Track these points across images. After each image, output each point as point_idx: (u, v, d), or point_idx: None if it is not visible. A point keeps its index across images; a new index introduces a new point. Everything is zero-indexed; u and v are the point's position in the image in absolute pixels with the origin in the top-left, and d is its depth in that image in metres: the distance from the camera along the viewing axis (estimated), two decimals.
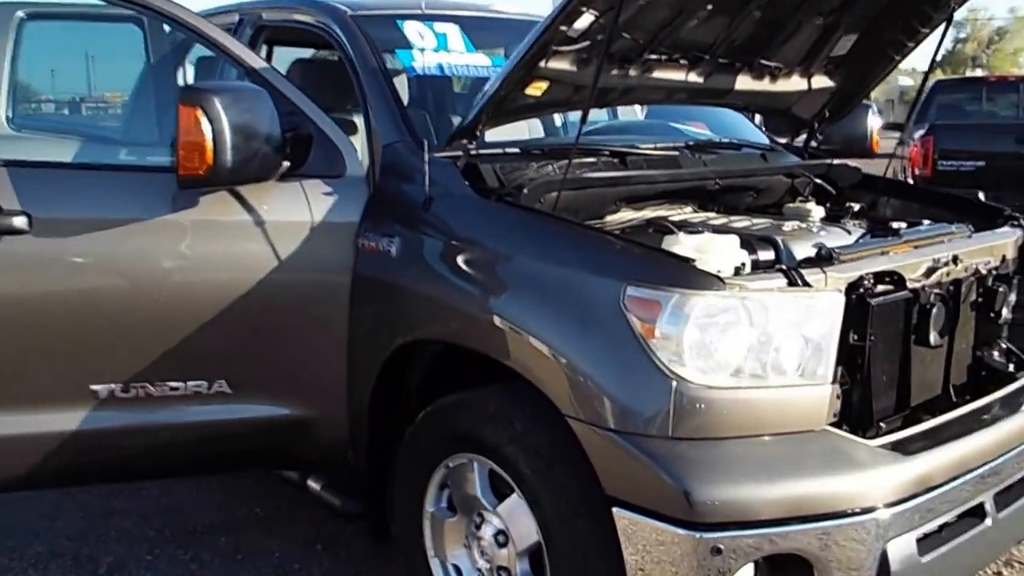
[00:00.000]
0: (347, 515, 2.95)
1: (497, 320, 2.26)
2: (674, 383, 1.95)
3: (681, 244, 2.21)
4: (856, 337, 2.14)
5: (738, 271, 2.13)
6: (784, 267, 2.12)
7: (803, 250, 2.58)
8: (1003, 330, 2.71)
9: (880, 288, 2.22)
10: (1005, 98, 10.39)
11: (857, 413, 2.15)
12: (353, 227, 2.73)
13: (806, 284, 2.07)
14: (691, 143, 3.27)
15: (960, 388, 2.56)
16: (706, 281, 1.99)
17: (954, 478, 2.12)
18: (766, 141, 3.74)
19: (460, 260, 2.43)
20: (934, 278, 2.43)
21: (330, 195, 2.75)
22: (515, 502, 2.28)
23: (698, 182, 3.02)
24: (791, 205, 3.41)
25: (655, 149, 3.07)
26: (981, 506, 2.22)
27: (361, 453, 2.79)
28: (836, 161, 3.54)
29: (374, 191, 2.77)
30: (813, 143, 3.71)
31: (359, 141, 3.01)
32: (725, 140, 3.41)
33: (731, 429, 1.97)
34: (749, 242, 2.47)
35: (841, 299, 2.07)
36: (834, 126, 3.73)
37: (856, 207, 3.43)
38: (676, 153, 3.09)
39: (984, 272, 2.61)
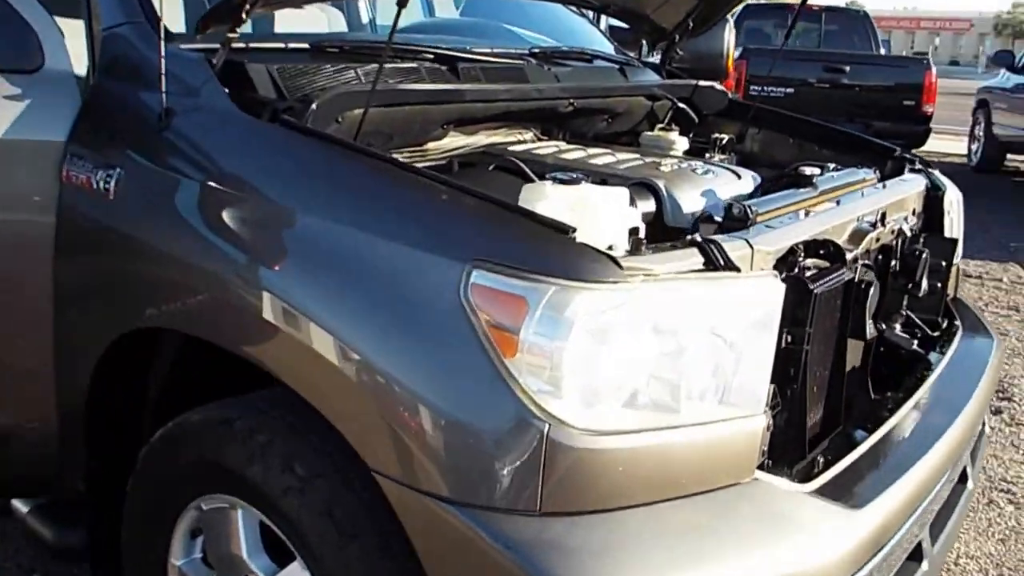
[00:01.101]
0: (64, 554, 2.03)
1: (266, 307, 1.42)
2: (546, 427, 1.20)
3: (549, 199, 1.44)
4: (791, 339, 1.47)
5: (637, 244, 1.38)
6: (699, 238, 1.39)
7: (690, 201, 1.90)
8: (905, 300, 2.16)
9: (814, 266, 1.56)
10: (808, 26, 10.24)
11: (787, 444, 1.50)
12: (56, 149, 1.77)
13: (730, 265, 1.36)
14: (535, 50, 2.47)
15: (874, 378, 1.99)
16: (597, 266, 1.23)
17: (904, 521, 1.53)
18: (610, 50, 3.00)
19: (211, 210, 1.54)
20: (863, 245, 1.81)
21: (17, 98, 1.77)
22: (298, 573, 1.48)
23: (549, 101, 2.25)
24: (649, 134, 2.72)
25: (493, 56, 2.26)
26: (919, 546, 1.65)
27: (78, 478, 1.88)
28: (702, 82, 2.87)
29: (90, 97, 1.81)
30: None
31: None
32: (576, 49, 2.63)
33: (629, 494, 1.25)
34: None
35: (781, 288, 1.38)
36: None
37: (724, 139, 2.79)
38: (521, 63, 2.29)
39: (908, 234, 2.02)
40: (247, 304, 1.45)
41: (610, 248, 1.30)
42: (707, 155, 2.79)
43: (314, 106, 1.66)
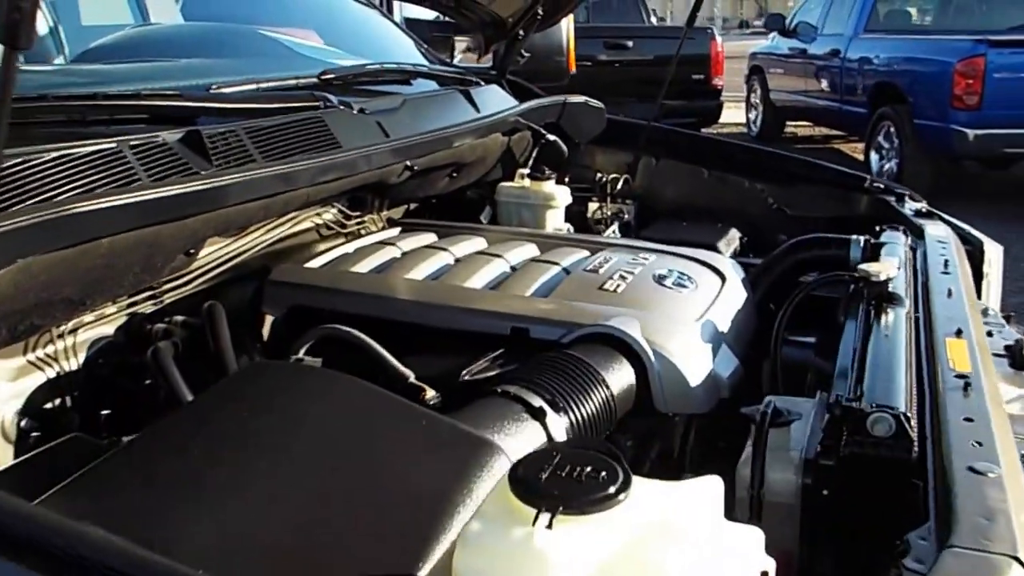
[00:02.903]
0: None
1: None
2: None
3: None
4: None
5: None
6: None
7: (687, 356, 1.06)
8: None
9: None
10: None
11: None
12: None
13: None
14: (329, 75, 1.49)
15: None
16: None
17: None
18: (424, 60, 2.08)
19: None
20: None
21: None
22: None
23: (378, 171, 1.31)
24: (511, 186, 1.85)
25: (262, 98, 1.27)
26: None
27: None
28: (574, 98, 2.04)
29: None
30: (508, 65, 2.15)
31: None
32: (387, 66, 1.68)
33: None
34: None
35: None
36: None
37: (618, 180, 1.97)
38: (316, 105, 1.31)
39: None
40: None
41: None
42: (594, 207, 1.97)
43: None
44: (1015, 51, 5.43)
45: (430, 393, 0.96)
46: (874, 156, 6.33)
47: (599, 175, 1.98)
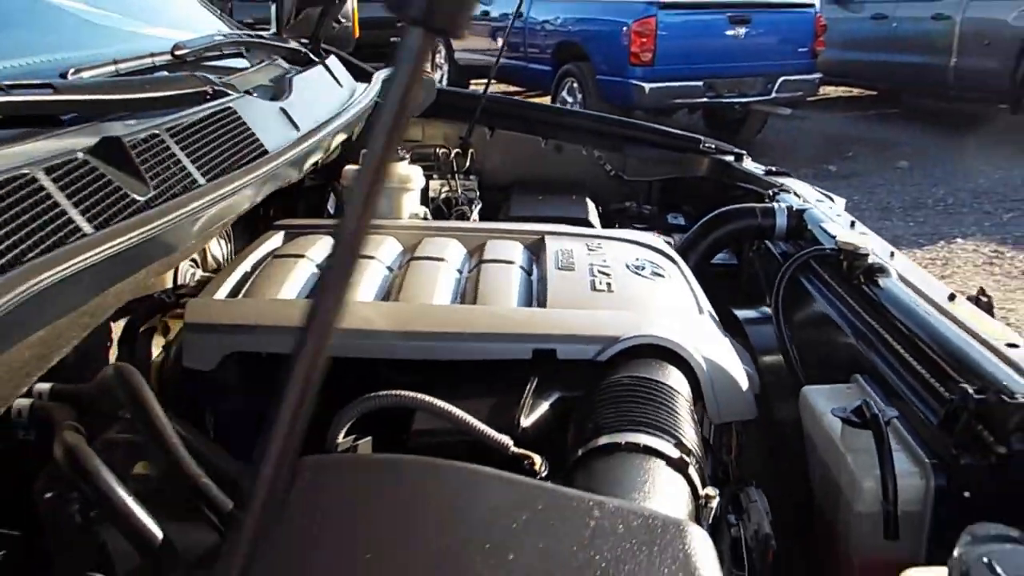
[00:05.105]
0: None
1: None
2: None
3: None
4: None
5: None
6: None
7: (726, 357, 0.94)
8: None
9: None
10: None
11: None
12: None
13: None
14: (185, 49, 1.12)
15: None
16: None
17: None
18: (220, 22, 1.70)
19: None
20: None
21: None
22: None
23: (296, 173, 1.01)
24: (357, 168, 1.56)
25: (144, 87, 0.90)
26: None
27: None
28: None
29: None
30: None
31: None
32: (232, 36, 1.31)
33: None
34: None
35: None
36: None
37: (466, 158, 1.77)
38: (204, 92, 0.96)
39: None
40: None
41: None
42: (436, 186, 1.74)
43: None
44: (680, 12, 5.85)
45: (537, 460, 0.73)
46: None
47: (439, 150, 1.75)
